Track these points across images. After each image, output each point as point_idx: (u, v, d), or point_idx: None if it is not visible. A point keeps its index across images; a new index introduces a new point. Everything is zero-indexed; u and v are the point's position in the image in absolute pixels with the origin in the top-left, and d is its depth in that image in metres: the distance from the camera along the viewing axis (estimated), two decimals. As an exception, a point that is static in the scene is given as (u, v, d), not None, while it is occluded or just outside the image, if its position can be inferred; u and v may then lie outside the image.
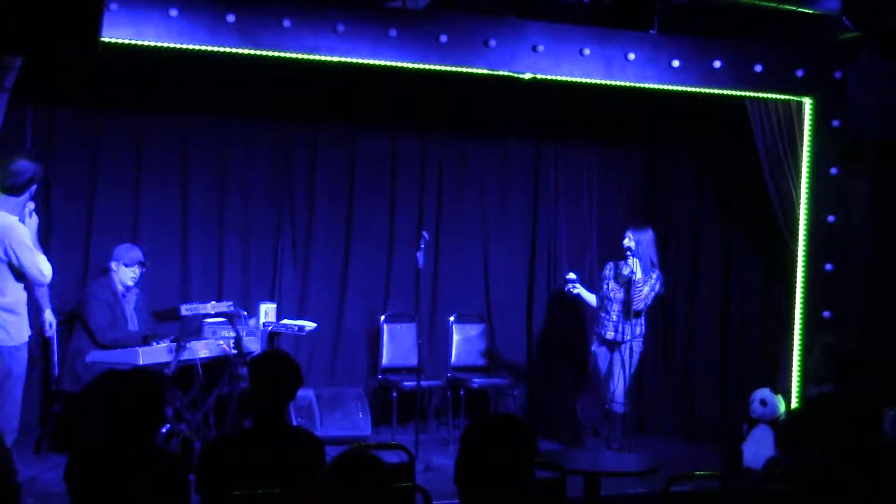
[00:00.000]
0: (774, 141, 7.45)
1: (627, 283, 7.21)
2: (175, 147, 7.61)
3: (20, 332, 5.64)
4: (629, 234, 7.32)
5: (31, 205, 5.86)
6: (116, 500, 3.58)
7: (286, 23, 6.28)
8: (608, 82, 6.99)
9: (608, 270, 7.47)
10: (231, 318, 7.04)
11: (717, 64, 7.05)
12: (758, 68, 7.14)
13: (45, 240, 7.15)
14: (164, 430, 6.26)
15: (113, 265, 6.83)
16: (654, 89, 7.13)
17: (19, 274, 5.60)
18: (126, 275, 6.81)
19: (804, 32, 7.33)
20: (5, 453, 4.19)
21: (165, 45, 6.13)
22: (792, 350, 7.37)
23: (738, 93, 7.29)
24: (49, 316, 6.39)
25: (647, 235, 7.34)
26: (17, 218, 5.68)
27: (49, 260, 6.47)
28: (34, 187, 5.74)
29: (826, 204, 7.31)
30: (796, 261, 7.43)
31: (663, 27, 7.02)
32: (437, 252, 8.22)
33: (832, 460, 4.81)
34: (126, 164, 7.48)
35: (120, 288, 6.83)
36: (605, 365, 7.40)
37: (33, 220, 5.82)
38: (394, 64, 6.59)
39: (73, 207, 7.32)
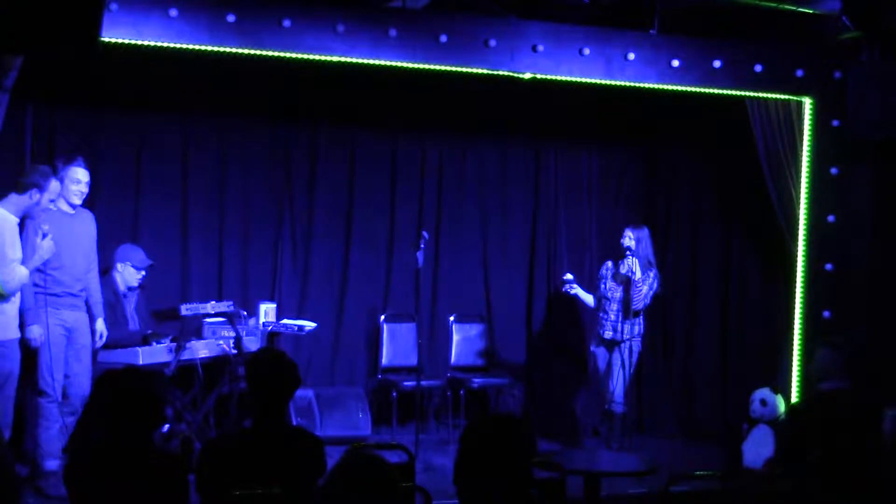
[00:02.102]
0: (774, 141, 7.44)
1: (626, 282, 7.21)
2: (175, 147, 7.61)
3: (7, 329, 5.61)
4: (629, 232, 7.32)
5: (46, 227, 5.81)
6: (116, 501, 3.58)
7: (286, 23, 6.28)
8: (608, 82, 6.99)
9: (605, 270, 7.48)
10: (231, 318, 7.04)
11: (717, 64, 7.05)
12: (758, 68, 7.14)
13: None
14: (164, 430, 6.26)
15: (119, 266, 6.82)
16: (654, 89, 7.13)
17: None
18: (133, 276, 6.81)
19: (804, 32, 7.33)
20: (4, 453, 4.19)
21: (165, 45, 6.13)
22: (792, 350, 7.37)
23: (738, 93, 7.29)
24: (100, 326, 6.33)
25: (645, 234, 7.35)
26: (14, 218, 5.67)
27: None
28: (37, 194, 5.70)
29: (826, 204, 7.31)
30: (796, 261, 7.43)
31: (663, 27, 7.02)
32: (437, 252, 8.22)
33: (832, 460, 4.81)
34: (126, 164, 7.48)
35: (122, 288, 6.83)
36: (604, 365, 7.40)
37: (45, 242, 5.74)
38: (394, 64, 6.59)
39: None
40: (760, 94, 7.34)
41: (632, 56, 6.93)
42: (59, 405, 5.99)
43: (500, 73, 6.81)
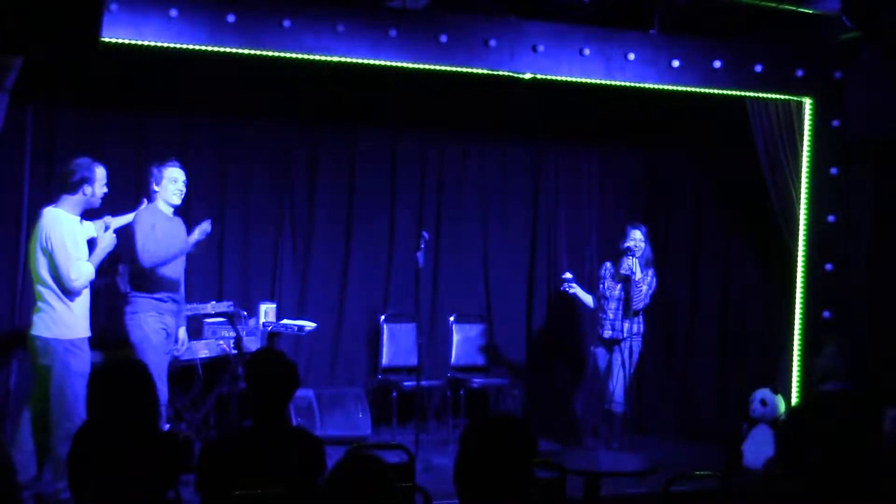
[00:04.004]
0: (774, 141, 7.44)
1: (626, 282, 7.21)
2: (175, 147, 7.58)
3: (72, 327, 5.63)
4: (630, 232, 7.33)
5: (110, 219, 5.88)
6: (107, 479, 3.63)
7: (286, 23, 6.28)
8: (608, 82, 6.99)
9: (605, 270, 7.48)
10: (231, 318, 7.05)
11: (717, 64, 7.05)
12: (758, 68, 7.14)
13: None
14: (164, 429, 6.26)
15: (120, 268, 6.83)
16: (654, 89, 7.13)
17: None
18: None
19: (804, 32, 7.33)
20: (4, 455, 4.21)
21: (165, 45, 6.13)
22: (792, 350, 7.37)
23: (738, 93, 7.29)
24: (183, 334, 6.38)
25: (644, 233, 7.36)
26: (74, 217, 5.67)
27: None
28: (88, 188, 5.69)
29: (826, 204, 7.31)
30: (796, 261, 7.43)
31: (663, 27, 7.03)
32: (437, 252, 8.22)
33: (832, 460, 4.80)
34: (126, 164, 7.46)
35: (124, 289, 6.84)
36: (604, 365, 7.40)
37: (107, 235, 5.78)
38: (394, 64, 6.59)
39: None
40: (760, 94, 7.34)
41: (632, 56, 6.93)
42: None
43: (500, 73, 6.81)
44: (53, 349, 5.55)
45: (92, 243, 5.77)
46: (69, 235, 5.60)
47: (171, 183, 6.20)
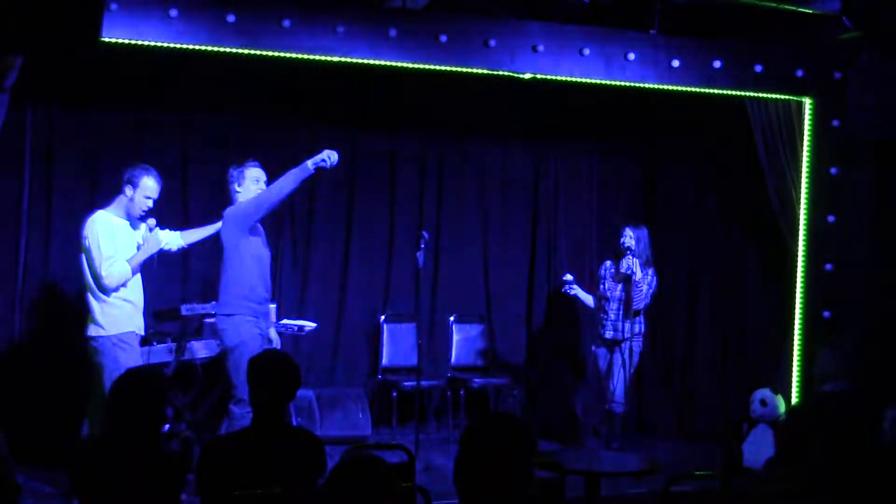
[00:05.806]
0: (774, 141, 7.44)
1: (626, 281, 7.20)
2: (175, 147, 7.60)
3: (118, 323, 5.68)
4: (629, 232, 7.32)
5: (153, 221, 5.94)
6: (115, 495, 3.59)
7: (286, 23, 6.28)
8: (608, 82, 6.98)
9: (604, 270, 7.48)
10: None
11: (717, 64, 7.05)
12: (758, 68, 7.14)
13: (46, 241, 7.16)
14: (164, 430, 6.24)
15: None
16: (654, 89, 7.13)
17: None
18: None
19: (804, 32, 7.33)
20: (4, 455, 4.20)
21: (165, 45, 6.13)
22: (792, 350, 7.37)
23: (738, 93, 7.29)
24: (273, 334, 6.35)
25: (644, 234, 7.36)
26: (114, 218, 5.77)
27: (48, 261, 6.44)
28: (130, 190, 5.80)
29: (826, 204, 7.30)
30: (796, 261, 7.43)
31: (663, 27, 7.02)
32: (437, 252, 8.22)
33: (832, 460, 4.80)
34: (126, 165, 7.44)
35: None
36: (604, 365, 7.39)
37: (151, 234, 5.85)
38: (394, 64, 6.59)
39: (73, 208, 7.30)
40: (760, 94, 7.34)
41: (632, 56, 6.93)
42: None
43: (500, 73, 6.81)
44: (102, 346, 5.66)
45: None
46: (105, 234, 5.69)
47: (254, 183, 6.13)
